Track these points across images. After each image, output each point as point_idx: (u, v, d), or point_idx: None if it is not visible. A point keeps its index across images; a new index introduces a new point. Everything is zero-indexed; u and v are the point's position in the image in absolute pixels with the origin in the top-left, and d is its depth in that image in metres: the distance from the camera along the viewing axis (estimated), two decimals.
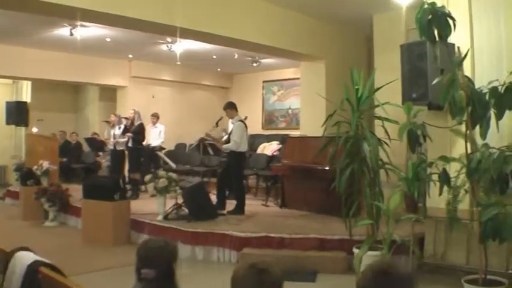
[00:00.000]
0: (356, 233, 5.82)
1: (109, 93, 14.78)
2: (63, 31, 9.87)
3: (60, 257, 6.66)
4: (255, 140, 13.55)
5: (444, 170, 4.42)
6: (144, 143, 11.29)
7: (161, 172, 7.52)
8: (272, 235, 6.41)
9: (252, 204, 9.10)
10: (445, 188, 4.47)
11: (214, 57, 12.76)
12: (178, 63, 13.42)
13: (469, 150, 4.32)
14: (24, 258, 3.02)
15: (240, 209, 7.96)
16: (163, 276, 2.42)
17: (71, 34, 9.73)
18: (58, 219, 9.12)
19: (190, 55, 12.20)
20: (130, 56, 13.17)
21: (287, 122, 14.87)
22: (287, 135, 11.57)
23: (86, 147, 13.73)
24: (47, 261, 3.03)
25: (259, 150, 12.11)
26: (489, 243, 4.33)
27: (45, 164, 9.95)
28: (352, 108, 5.68)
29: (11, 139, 14.63)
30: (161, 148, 11.52)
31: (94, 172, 12.91)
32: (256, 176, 10.68)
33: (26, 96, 14.79)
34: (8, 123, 13.79)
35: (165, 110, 14.00)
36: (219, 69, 15.43)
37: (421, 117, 6.50)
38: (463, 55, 4.57)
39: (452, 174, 4.78)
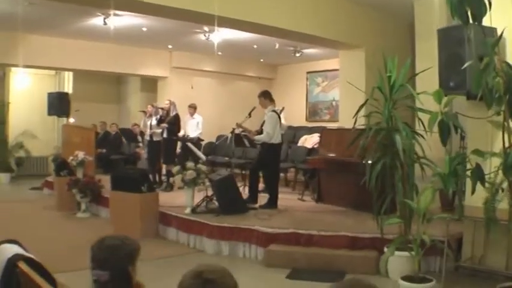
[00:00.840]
0: (390, 231, 5.42)
1: (150, 84, 14.78)
2: (97, 20, 9.80)
3: (84, 248, 6.69)
4: (298, 132, 13.26)
5: (478, 165, 3.98)
6: (181, 134, 11.22)
7: (189, 164, 7.30)
8: (300, 231, 6.07)
9: (288, 198, 8.81)
10: (483, 185, 4.02)
11: (255, 47, 12.47)
12: (220, 53, 13.24)
13: (507, 144, 3.86)
14: (7, 251, 2.81)
15: (272, 203, 7.67)
16: (118, 279, 2.13)
17: (105, 23, 9.65)
18: (90, 210, 9.10)
19: (230, 45, 11.97)
20: (170, 46, 13.07)
21: (331, 114, 14.42)
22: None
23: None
24: (28, 255, 2.81)
25: (300, 143, 11.78)
26: None
27: (81, 155, 9.89)
28: (384, 97, 5.26)
29: (53, 131, 14.82)
30: (199, 140, 11.35)
31: (133, 163, 12.88)
32: (294, 169, 10.36)
33: (68, 87, 14.94)
34: (49, 114, 13.92)
35: (206, 101, 13.85)
36: (262, 60, 15.13)
37: (460, 107, 6.08)
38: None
39: (492, 170, 4.34)
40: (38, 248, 6.38)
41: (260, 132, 7.77)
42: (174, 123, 9.95)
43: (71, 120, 12.37)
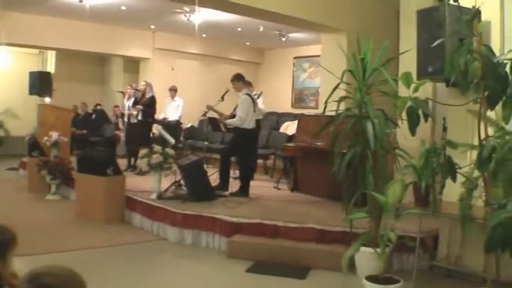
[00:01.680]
0: (361, 225, 5.09)
1: (133, 65, 14.40)
2: None
3: (46, 232, 6.43)
4: (282, 119, 12.97)
5: (448, 158, 3.63)
6: (161, 116, 10.87)
7: (156, 147, 6.93)
8: (266, 222, 5.72)
9: (263, 186, 8.51)
10: (453, 180, 3.68)
11: (239, 29, 12.10)
12: (204, 35, 12.88)
13: (483, 135, 3.51)
14: None
15: (243, 191, 7.32)
16: None
17: (80, 1, 9.22)
18: (61, 192, 8.71)
19: (214, 27, 11.61)
20: (152, 26, 12.66)
21: (317, 101, 13.99)
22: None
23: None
24: None
25: (282, 129, 11.45)
26: None
27: (55, 136, 9.50)
28: (357, 82, 4.90)
29: (35, 110, 14.36)
30: (178, 122, 11.02)
31: (112, 146, 12.52)
32: (274, 156, 10.04)
33: (51, 67, 14.53)
34: (31, 93, 13.54)
35: (190, 83, 13.49)
36: (248, 44, 14.74)
37: (441, 95, 5.73)
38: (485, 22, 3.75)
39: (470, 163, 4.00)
40: None
41: (233, 116, 7.41)
42: (150, 105, 9.59)
43: (47, 99, 11.95)
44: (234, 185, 7.44)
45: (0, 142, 14.03)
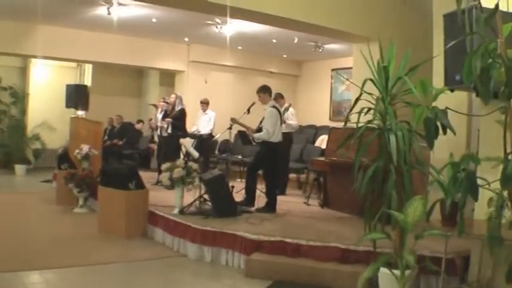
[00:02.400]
0: (386, 245, 4.73)
1: (169, 78, 14.41)
2: (101, 10, 9.41)
3: (65, 245, 6.36)
4: (320, 132, 12.66)
5: (469, 173, 3.27)
6: (193, 129, 10.77)
7: (179, 161, 6.76)
8: (288, 240, 5.43)
9: (293, 201, 8.25)
10: (474, 198, 3.32)
11: (274, 41, 11.90)
12: (239, 47, 12.75)
13: (509, 149, 3.15)
14: None
15: (270, 206, 7.06)
16: None
17: (108, 13, 9.24)
18: (89, 205, 8.66)
19: (249, 39, 11.48)
20: (186, 39, 12.61)
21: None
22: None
23: (146, 132, 13.45)
24: None
25: (317, 143, 11.17)
26: None
27: (85, 148, 9.52)
28: (379, 91, 4.58)
29: None
30: (211, 136, 10.88)
31: (147, 159, 12.54)
32: (306, 170, 9.73)
33: (88, 80, 14.73)
34: (67, 106, 13.77)
35: (225, 96, 13.38)
36: (285, 56, 14.51)
37: (473, 106, 5.35)
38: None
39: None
40: (14, 241, 6.16)
41: (259, 129, 7.18)
42: (179, 118, 9.47)
43: (80, 112, 12.04)
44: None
45: (37, 154, 14.36)
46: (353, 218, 6.84)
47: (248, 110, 7.42)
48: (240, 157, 11.30)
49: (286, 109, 9.09)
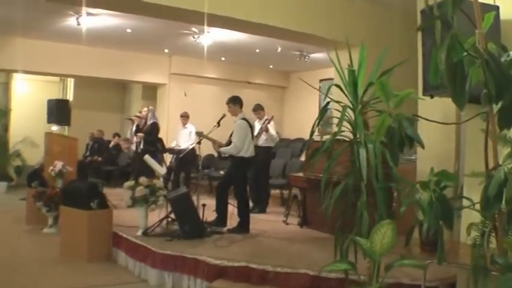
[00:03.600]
0: (363, 271, 4.20)
1: (151, 92, 13.97)
2: (72, 21, 8.95)
3: (22, 270, 5.80)
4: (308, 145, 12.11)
5: (441, 196, 2.75)
6: (172, 144, 10.31)
7: (142, 178, 6.24)
8: (253, 266, 4.89)
9: (272, 220, 7.72)
10: (448, 227, 2.81)
11: (257, 51, 11.44)
12: (223, 59, 12.31)
13: (492, 164, 2.64)
14: None
15: (242, 227, 6.54)
16: None
17: (78, 23, 8.77)
18: (60, 225, 8.09)
19: (229, 49, 11.05)
20: (166, 50, 12.14)
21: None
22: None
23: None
24: None
25: (303, 157, 10.64)
26: None
27: (59, 165, 8.99)
28: (348, 99, 4.09)
29: None
30: (193, 150, 10.38)
31: (128, 175, 12.00)
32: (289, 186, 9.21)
33: (70, 95, 14.30)
34: (49, 122, 13.32)
35: (210, 110, 12.84)
36: (271, 67, 14.04)
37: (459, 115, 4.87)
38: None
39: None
40: None
41: (229, 144, 6.69)
42: (151, 133, 8.97)
43: (54, 128, 11.55)
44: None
45: (19, 171, 13.84)
46: (332, 239, 6.26)
47: (218, 123, 6.93)
48: (222, 172, 10.77)
49: (268, 122, 8.60)
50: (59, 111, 13.32)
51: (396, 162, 3.00)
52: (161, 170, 6.85)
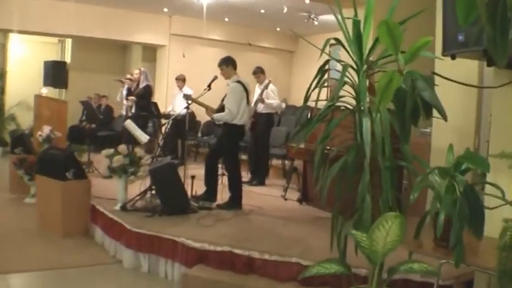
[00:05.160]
0: (364, 263, 3.53)
1: (151, 54, 13.19)
2: None
3: None
4: (315, 113, 11.33)
5: (468, 190, 2.04)
6: (168, 109, 9.64)
7: (121, 146, 5.57)
8: (237, 251, 4.23)
9: (270, 195, 7.08)
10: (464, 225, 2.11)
11: (263, 11, 10.60)
12: (226, 19, 11.51)
13: None
14: None
15: (233, 202, 5.88)
16: None
17: None
18: None
19: (233, 9, 10.22)
20: (165, 9, 11.31)
21: None
22: None
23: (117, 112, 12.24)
24: None
25: None
26: None
27: (46, 131, 8.35)
28: (351, 58, 3.36)
29: None
30: (192, 115, 9.75)
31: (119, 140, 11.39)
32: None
33: (69, 56, 13.61)
34: (45, 84, 12.60)
35: (212, 73, 12.09)
36: (278, 29, 13.16)
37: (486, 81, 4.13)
38: None
39: None
40: None
41: (221, 109, 5.98)
42: (143, 97, 8.29)
43: (43, 90, 10.87)
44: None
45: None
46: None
47: (209, 86, 6.23)
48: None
49: (266, 86, 7.85)
50: (55, 73, 12.51)
51: (407, 136, 2.27)
52: (143, 138, 6.15)
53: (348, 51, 3.38)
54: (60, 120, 9.13)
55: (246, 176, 8.02)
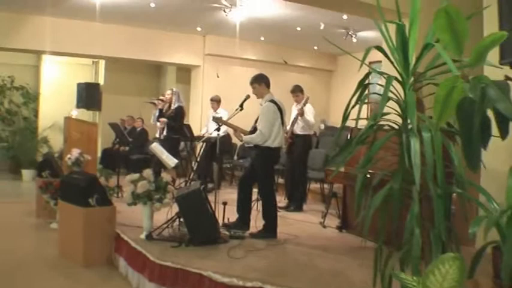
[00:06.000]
0: None
1: (186, 75, 12.96)
2: None
3: (13, 272, 4.96)
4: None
5: None
6: (203, 131, 9.34)
7: (147, 171, 5.22)
8: (268, 287, 3.79)
9: (307, 222, 6.65)
10: None
11: (299, 29, 10.24)
12: (262, 38, 11.21)
13: None
14: None
15: (268, 231, 5.44)
16: None
17: None
18: None
19: (267, 27, 9.89)
20: (198, 28, 11.08)
21: None
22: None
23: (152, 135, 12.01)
24: None
25: None
26: None
27: (75, 153, 8.13)
28: (396, 69, 2.94)
29: None
30: (228, 137, 9.41)
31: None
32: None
33: (101, 78, 13.56)
34: (78, 106, 12.55)
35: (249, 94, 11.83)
36: (316, 48, 12.77)
37: None
38: None
39: None
40: None
41: (254, 131, 5.59)
42: (175, 118, 7.96)
43: (73, 113, 10.73)
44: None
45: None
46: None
47: (241, 106, 5.88)
48: None
49: (305, 103, 7.45)
50: (88, 95, 12.56)
51: (477, 160, 1.80)
52: (171, 162, 5.78)
53: (391, 62, 2.95)
54: (91, 143, 8.96)
55: (282, 201, 7.61)
